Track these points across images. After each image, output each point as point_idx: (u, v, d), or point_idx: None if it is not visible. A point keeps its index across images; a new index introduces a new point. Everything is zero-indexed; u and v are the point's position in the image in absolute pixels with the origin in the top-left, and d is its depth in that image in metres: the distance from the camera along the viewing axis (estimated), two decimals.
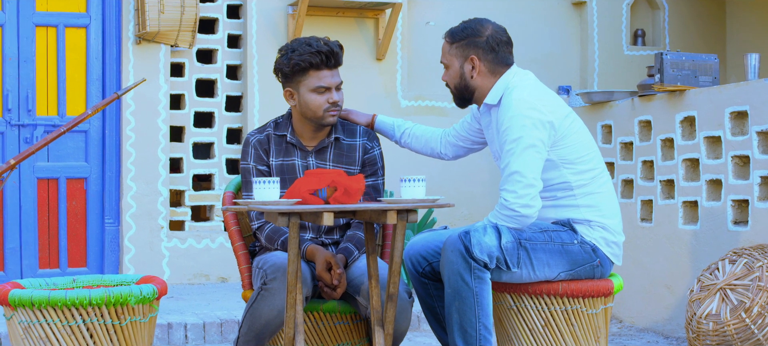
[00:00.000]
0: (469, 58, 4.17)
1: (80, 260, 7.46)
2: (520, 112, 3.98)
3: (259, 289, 4.09)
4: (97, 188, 7.48)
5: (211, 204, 7.78)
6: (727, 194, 5.72)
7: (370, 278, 3.98)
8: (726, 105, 5.72)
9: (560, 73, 8.51)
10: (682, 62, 5.98)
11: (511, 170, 3.95)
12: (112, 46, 7.46)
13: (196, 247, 7.59)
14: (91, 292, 3.58)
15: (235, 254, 4.53)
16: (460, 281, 3.91)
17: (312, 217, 3.75)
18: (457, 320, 3.95)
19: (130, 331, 3.68)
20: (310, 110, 4.32)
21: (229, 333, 6.03)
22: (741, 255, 5.27)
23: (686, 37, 8.71)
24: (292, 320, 3.88)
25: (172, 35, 7.36)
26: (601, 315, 4.17)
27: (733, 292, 5.14)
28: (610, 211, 4.15)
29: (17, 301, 3.60)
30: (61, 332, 3.60)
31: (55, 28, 7.37)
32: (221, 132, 7.79)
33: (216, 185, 7.78)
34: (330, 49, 4.30)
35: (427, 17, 8.26)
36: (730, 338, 5.08)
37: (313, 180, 3.96)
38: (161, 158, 7.50)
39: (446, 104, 8.17)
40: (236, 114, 7.85)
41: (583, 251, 4.08)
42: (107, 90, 7.45)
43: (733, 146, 5.68)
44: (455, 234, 3.94)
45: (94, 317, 3.61)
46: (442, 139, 4.58)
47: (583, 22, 8.56)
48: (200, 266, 7.58)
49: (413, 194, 3.82)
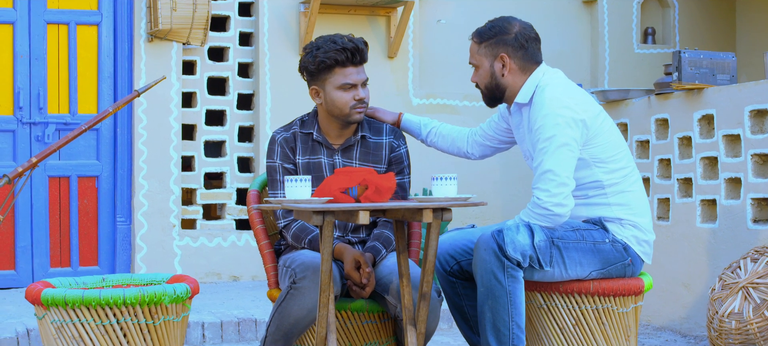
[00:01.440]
0: (499, 56, 4.15)
1: (91, 259, 7.43)
2: (553, 111, 3.96)
3: (288, 288, 4.07)
4: (109, 187, 7.46)
5: (222, 203, 7.76)
6: (747, 193, 5.71)
7: (401, 277, 3.96)
8: (746, 103, 5.71)
9: (571, 71, 8.45)
10: (700, 60, 5.97)
11: (545, 169, 3.93)
12: (124, 43, 7.43)
13: (208, 245, 7.56)
14: (126, 291, 3.55)
15: (261, 252, 4.50)
16: (494, 279, 3.89)
17: (346, 216, 3.72)
18: (489, 319, 3.92)
19: (163, 330, 3.66)
20: (337, 108, 4.30)
21: (246, 332, 6.00)
22: (763, 253, 5.26)
23: (696, 36, 8.70)
24: (324, 319, 3.85)
25: (184, 33, 7.33)
26: (631, 314, 4.16)
27: (755, 290, 5.14)
28: (641, 209, 4.13)
29: (50, 300, 3.57)
30: (94, 331, 3.57)
31: (67, 25, 7.34)
32: (233, 130, 7.76)
33: (227, 183, 7.75)
34: (355, 46, 4.28)
35: (438, 15, 8.24)
36: (752, 337, 5.07)
37: (343, 178, 3.94)
38: (173, 156, 7.47)
39: (457, 102, 8.15)
40: (248, 112, 7.82)
41: (614, 250, 4.06)
42: (119, 88, 7.42)
43: (752, 145, 5.67)
44: (488, 233, 3.92)
45: (128, 316, 3.58)
46: (468, 139, 4.56)
47: (593, 20, 8.55)
48: (212, 265, 7.55)
49: (445, 192, 3.80)
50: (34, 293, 3.63)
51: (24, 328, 5.68)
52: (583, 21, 8.55)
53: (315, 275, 4.04)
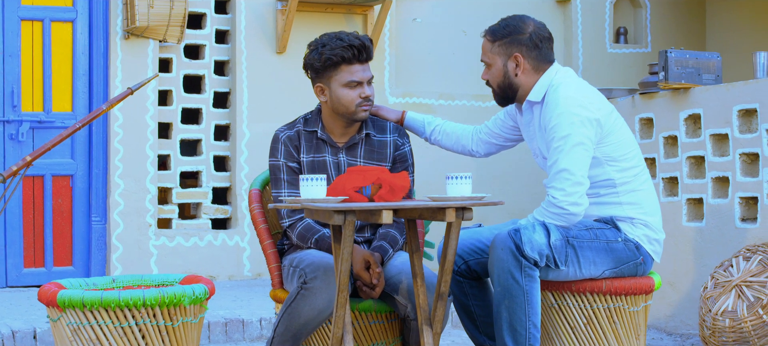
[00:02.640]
0: (513, 56, 4.13)
1: (66, 259, 7.31)
2: (567, 110, 3.95)
3: (298, 288, 4.02)
4: (84, 186, 7.34)
5: (198, 202, 7.67)
6: (735, 192, 5.76)
7: (415, 277, 3.93)
8: (734, 103, 5.75)
9: None
10: (686, 60, 6.01)
11: (560, 168, 3.92)
12: (100, 40, 7.32)
13: (185, 245, 7.48)
14: (145, 292, 3.48)
15: (264, 252, 4.45)
16: (511, 279, 3.87)
17: (367, 215, 3.68)
18: (506, 319, 3.91)
19: (182, 332, 3.60)
20: (343, 106, 4.25)
21: (233, 333, 5.94)
22: (755, 252, 5.30)
23: (667, 36, 8.77)
24: (341, 320, 3.81)
25: (160, 30, 7.24)
26: (641, 313, 4.17)
27: (749, 289, 5.17)
28: (652, 208, 4.14)
29: (67, 302, 3.49)
30: (112, 333, 3.50)
31: (41, 22, 7.22)
32: (209, 129, 7.68)
33: (203, 182, 7.67)
34: (362, 43, 4.24)
35: (414, 14, 8.22)
36: (747, 335, 5.11)
37: (357, 177, 3.91)
38: (149, 155, 7.38)
39: (433, 101, 8.14)
40: (224, 111, 7.75)
41: (627, 249, 4.06)
42: (94, 86, 7.31)
43: (741, 144, 5.72)
44: (504, 232, 3.91)
45: (147, 318, 3.52)
46: (473, 137, 4.54)
47: (567, 19, 8.58)
48: (189, 265, 7.46)
49: (460, 191, 3.77)
50: (49, 295, 3.55)
51: (8, 330, 5.57)
52: (557, 20, 8.57)
53: (326, 275, 4.00)
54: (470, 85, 8.29)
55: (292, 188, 4.30)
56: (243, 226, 7.61)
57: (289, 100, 7.71)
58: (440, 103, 8.14)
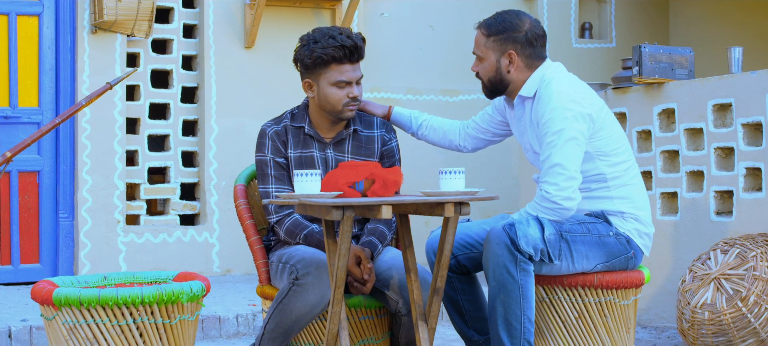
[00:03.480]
0: (507, 53, 4.11)
1: (33, 256, 7.21)
2: (561, 105, 3.96)
3: (290, 284, 3.99)
4: (51, 182, 7.25)
5: (166, 198, 7.60)
6: (710, 185, 5.80)
7: (408, 273, 3.91)
8: (709, 97, 5.80)
9: None
10: (660, 55, 6.05)
11: (553, 162, 3.93)
12: (67, 35, 7.23)
13: (153, 242, 7.41)
14: (143, 290, 3.44)
15: (251, 248, 4.41)
16: (506, 273, 3.87)
17: (365, 210, 3.66)
18: (501, 313, 3.91)
19: (179, 330, 3.56)
20: (329, 104, 4.22)
21: (210, 330, 5.89)
22: (733, 245, 5.34)
23: (631, 31, 8.83)
24: (337, 316, 3.80)
25: (128, 24, 7.16)
26: (631, 306, 4.19)
27: (727, 281, 5.22)
28: (642, 202, 4.16)
29: (63, 300, 3.43)
30: (109, 332, 3.45)
31: (6, 16, 7.12)
32: (177, 124, 7.62)
33: (171, 178, 7.60)
34: (354, 44, 4.20)
35: (381, 8, 8.21)
36: (726, 327, 5.15)
37: (350, 172, 3.88)
38: (118, 151, 7.30)
39: (401, 96, 8.14)
40: (191, 105, 7.68)
41: (618, 243, 4.08)
42: (61, 80, 7.21)
43: (716, 138, 5.77)
44: (499, 227, 3.90)
45: (145, 316, 3.47)
46: (460, 132, 4.54)
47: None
48: (157, 261, 7.40)
49: (453, 186, 3.76)
50: (43, 294, 3.49)
51: None
52: None
53: (318, 270, 3.97)
54: (437, 79, 8.29)
55: (280, 183, 4.28)
56: (212, 222, 7.55)
57: (258, 95, 7.67)
58: (408, 98, 8.14)
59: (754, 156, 5.56)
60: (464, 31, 8.40)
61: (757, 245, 5.29)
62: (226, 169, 7.60)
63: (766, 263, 5.18)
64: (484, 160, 8.12)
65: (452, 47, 8.37)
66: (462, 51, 8.38)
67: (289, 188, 4.28)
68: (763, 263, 5.18)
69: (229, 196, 7.58)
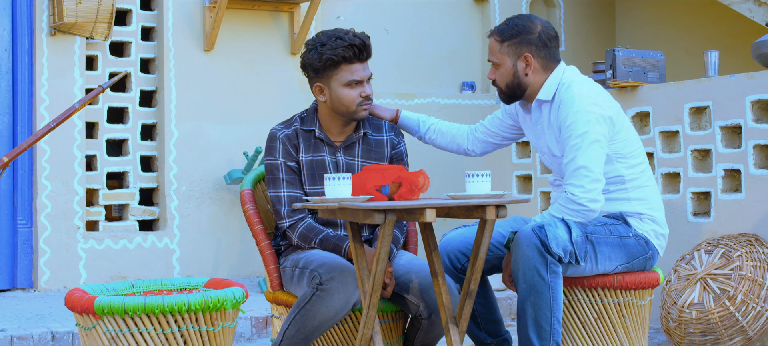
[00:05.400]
0: (523, 56, 4.14)
1: None
2: (584, 108, 4.00)
3: (313, 289, 3.95)
4: (8, 188, 7.06)
5: (126, 203, 7.46)
6: (687, 187, 5.91)
7: (436, 276, 3.91)
8: (685, 100, 5.91)
9: (464, 69, 8.61)
10: (633, 59, 6.15)
11: (578, 165, 3.96)
12: (24, 38, 7.05)
13: (114, 248, 7.27)
14: (190, 297, 3.37)
15: (262, 253, 4.36)
16: (537, 275, 3.90)
17: (406, 214, 3.65)
18: (531, 315, 3.93)
19: (221, 337, 3.50)
20: (343, 105, 4.21)
21: None
22: (717, 245, 5.46)
23: (580, 34, 8.96)
24: (372, 321, 3.79)
25: (88, 27, 7.02)
26: (647, 306, 4.25)
27: (714, 281, 5.32)
28: (657, 204, 4.22)
29: (106, 309, 3.35)
30: (154, 340, 3.38)
31: None
32: (135, 128, 7.48)
33: (130, 183, 7.47)
34: (362, 42, 4.21)
35: (338, 12, 8.18)
36: (714, 326, 5.25)
37: (377, 176, 3.88)
38: (77, 155, 7.14)
39: None
40: (150, 109, 7.56)
41: (637, 244, 4.13)
42: (18, 84, 7.02)
43: (692, 140, 5.88)
44: (528, 229, 3.92)
45: (190, 323, 3.41)
46: (468, 136, 4.55)
47: (485, 18, 8.67)
48: (118, 268, 7.26)
49: (480, 188, 3.78)
50: (83, 303, 3.40)
51: None
52: (475, 19, 8.66)
53: (342, 275, 3.95)
54: (393, 83, 8.29)
55: (292, 187, 4.24)
56: (172, 227, 7.44)
57: (218, 99, 7.59)
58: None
59: (732, 158, 5.69)
60: (419, 34, 8.44)
61: (740, 245, 5.41)
62: (186, 174, 7.49)
63: (751, 262, 5.30)
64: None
65: (407, 51, 8.39)
66: (417, 55, 8.41)
67: (300, 192, 4.25)
68: (748, 262, 5.30)
69: (190, 200, 7.48)
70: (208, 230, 7.54)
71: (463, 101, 8.41)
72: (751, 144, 5.57)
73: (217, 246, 7.56)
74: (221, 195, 7.58)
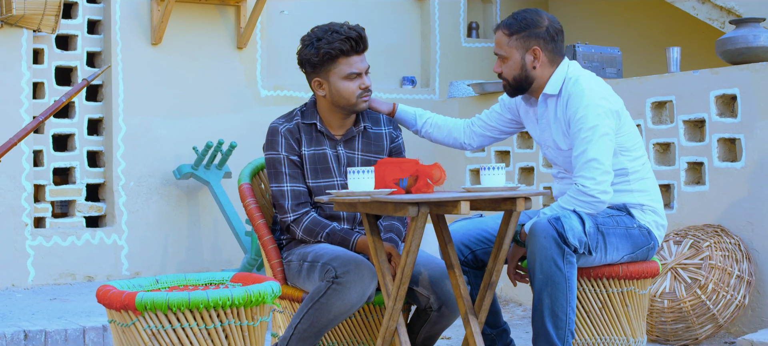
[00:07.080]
0: (532, 49, 4.21)
1: None
2: (593, 102, 4.08)
3: (328, 283, 3.94)
4: None
5: (73, 199, 7.32)
6: None
7: (451, 268, 3.95)
8: (647, 95, 6.05)
9: (403, 64, 8.66)
10: (592, 55, 6.28)
11: (589, 157, 4.04)
12: None
13: (62, 245, 7.13)
14: (233, 291, 3.35)
15: (265, 248, 4.35)
16: (554, 266, 3.96)
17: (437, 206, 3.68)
18: (548, 306, 3.99)
19: (260, 332, 3.48)
20: (343, 98, 4.23)
21: None
22: (686, 236, 5.62)
23: None
24: (398, 313, 3.81)
25: (36, 19, 6.88)
26: (647, 295, 4.36)
27: (684, 271, 5.48)
28: (657, 195, 4.33)
29: (149, 305, 3.30)
30: (196, 336, 3.34)
31: None
32: (82, 123, 7.35)
33: (77, 178, 7.33)
34: (359, 34, 4.23)
35: (281, 6, 8.15)
36: (686, 314, 5.41)
37: (395, 169, 3.91)
38: (25, 151, 6.99)
39: (303, 94, 8.11)
40: (97, 104, 7.43)
41: (641, 235, 4.24)
42: None
43: (654, 134, 6.03)
44: (544, 220, 3.98)
45: (232, 318, 3.39)
46: (465, 130, 4.60)
47: (424, 14, 8.73)
48: (66, 265, 7.12)
49: (494, 181, 3.84)
50: (123, 299, 3.34)
51: None
52: (415, 15, 8.72)
53: (358, 269, 3.95)
54: None
55: (294, 181, 4.24)
56: (120, 223, 7.33)
57: (166, 93, 7.50)
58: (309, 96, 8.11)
59: (696, 151, 5.85)
60: None
61: (708, 235, 5.58)
62: (134, 169, 7.39)
63: (720, 252, 5.47)
64: None
65: None
66: None
67: (303, 186, 4.25)
68: (717, 252, 5.46)
69: (138, 196, 7.38)
70: (156, 225, 7.45)
71: (403, 96, 8.47)
72: (715, 138, 5.74)
73: (165, 242, 7.47)
74: (169, 190, 7.50)
